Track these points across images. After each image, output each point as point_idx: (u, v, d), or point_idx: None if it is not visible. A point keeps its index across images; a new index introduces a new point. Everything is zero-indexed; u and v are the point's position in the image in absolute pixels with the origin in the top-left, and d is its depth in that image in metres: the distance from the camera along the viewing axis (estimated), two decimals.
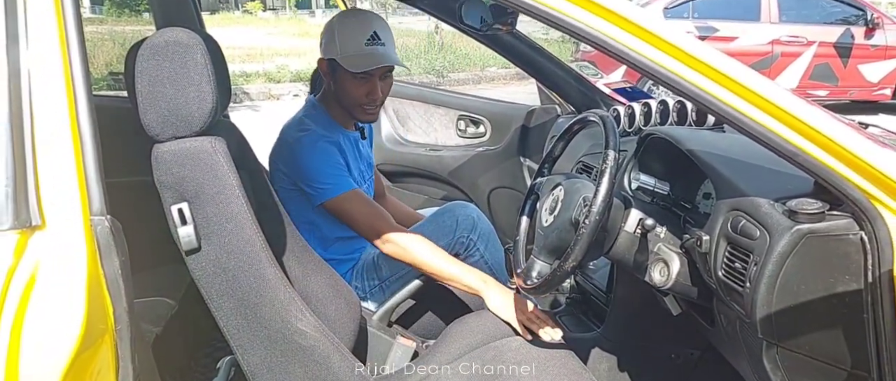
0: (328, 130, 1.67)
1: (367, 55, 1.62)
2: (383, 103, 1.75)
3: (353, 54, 1.62)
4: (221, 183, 1.06)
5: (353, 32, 1.63)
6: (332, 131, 1.69)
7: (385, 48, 1.65)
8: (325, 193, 1.57)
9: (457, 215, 1.82)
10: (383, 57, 1.63)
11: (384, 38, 1.65)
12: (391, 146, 2.89)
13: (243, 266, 1.08)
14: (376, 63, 1.62)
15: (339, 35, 1.64)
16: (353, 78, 1.62)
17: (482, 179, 2.66)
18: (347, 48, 1.62)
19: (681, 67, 1.01)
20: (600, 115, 1.29)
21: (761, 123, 1.00)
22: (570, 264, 1.20)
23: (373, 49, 1.63)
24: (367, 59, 1.61)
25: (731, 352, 1.27)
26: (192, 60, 1.02)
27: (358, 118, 1.74)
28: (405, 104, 2.90)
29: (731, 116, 1.01)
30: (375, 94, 1.67)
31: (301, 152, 1.58)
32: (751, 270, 1.06)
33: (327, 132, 1.66)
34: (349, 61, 1.61)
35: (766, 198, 1.09)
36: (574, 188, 1.30)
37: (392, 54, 1.67)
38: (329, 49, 1.65)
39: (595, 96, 2.27)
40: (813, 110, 0.99)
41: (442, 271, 1.55)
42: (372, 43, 1.63)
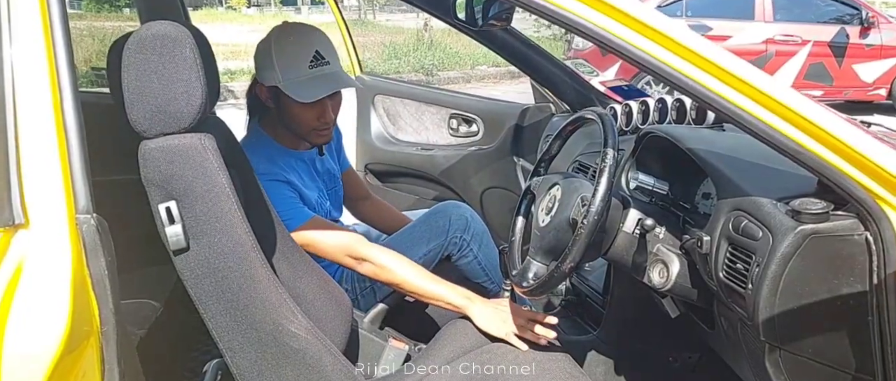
0: (274, 161, 1.57)
1: (315, 81, 1.52)
2: (335, 123, 1.67)
3: (298, 81, 1.52)
4: (211, 181, 1.02)
5: (294, 55, 1.53)
6: (280, 160, 1.59)
7: (331, 68, 1.56)
8: (285, 226, 1.46)
9: (449, 214, 1.79)
10: (332, 80, 1.55)
11: (328, 56, 1.56)
12: (381, 145, 2.86)
13: (233, 267, 1.05)
14: (326, 89, 1.53)
15: (279, 60, 1.52)
16: (300, 104, 1.53)
17: (475, 178, 2.63)
18: (290, 74, 1.52)
19: (682, 62, 0.99)
20: (598, 113, 1.27)
21: (764, 121, 0.98)
22: (568, 266, 1.17)
23: (319, 72, 1.54)
24: (316, 87, 1.52)
25: (732, 356, 1.25)
26: (181, 55, 0.99)
27: (312, 142, 1.66)
28: (396, 102, 2.87)
29: (732, 114, 0.99)
30: (327, 116, 1.59)
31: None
32: (753, 271, 1.04)
33: (273, 165, 1.56)
34: (295, 90, 1.51)
35: (769, 198, 1.07)
36: (572, 188, 1.28)
37: (340, 74, 1.58)
38: (268, 76, 1.54)
39: (590, 94, 2.26)
40: (817, 108, 0.98)
41: (421, 290, 1.49)
42: (316, 64, 1.53)
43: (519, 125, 2.50)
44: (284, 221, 1.43)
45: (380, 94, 2.86)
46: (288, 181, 1.57)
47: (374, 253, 1.52)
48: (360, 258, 1.52)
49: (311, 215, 1.56)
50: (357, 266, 1.53)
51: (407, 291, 1.52)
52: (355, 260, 1.52)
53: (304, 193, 1.62)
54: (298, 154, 1.68)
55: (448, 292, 1.49)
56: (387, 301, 1.63)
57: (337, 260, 1.55)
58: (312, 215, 1.56)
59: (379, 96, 2.87)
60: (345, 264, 1.55)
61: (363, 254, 1.52)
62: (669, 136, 1.35)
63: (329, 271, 1.65)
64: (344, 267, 1.61)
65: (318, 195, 1.71)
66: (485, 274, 1.82)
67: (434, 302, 1.52)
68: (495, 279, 1.83)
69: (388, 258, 1.52)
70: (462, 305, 1.48)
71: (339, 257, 1.54)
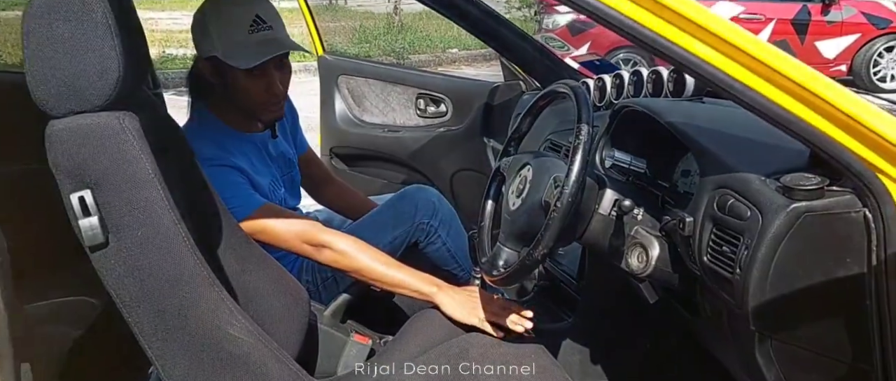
0: (220, 145, 1.45)
1: (256, 45, 1.39)
2: (286, 97, 1.53)
3: (238, 47, 1.39)
4: (132, 167, 0.89)
5: (232, 21, 1.40)
6: (227, 144, 1.46)
7: (274, 32, 1.42)
8: (233, 214, 1.33)
9: (416, 199, 1.68)
10: (276, 43, 1.41)
11: (270, 20, 1.42)
12: (346, 127, 2.73)
13: (160, 264, 0.93)
14: (269, 52, 1.39)
15: (215, 27, 1.39)
16: (246, 75, 1.41)
17: (444, 161, 2.52)
18: (229, 41, 1.39)
19: (660, 23, 0.89)
20: (571, 86, 1.16)
21: (754, 87, 0.89)
22: (541, 252, 1.07)
23: (261, 36, 1.40)
24: (258, 50, 1.38)
25: (715, 344, 1.17)
26: (90, 20, 0.85)
27: (262, 119, 1.53)
28: (360, 82, 2.74)
29: (718, 80, 0.90)
30: (275, 88, 1.46)
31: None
32: (741, 254, 0.95)
33: (219, 150, 1.43)
34: (235, 56, 1.38)
35: (757, 173, 0.98)
36: (544, 168, 1.17)
37: (284, 38, 1.45)
38: (206, 46, 1.41)
39: (562, 71, 2.15)
40: (810, 72, 0.88)
41: (386, 278, 1.39)
42: (257, 28, 1.40)
43: (488, 104, 2.39)
44: (232, 209, 1.31)
45: (343, 74, 2.73)
46: (236, 167, 1.45)
47: (333, 239, 1.41)
48: (319, 245, 1.40)
49: (261, 201, 1.44)
50: (316, 254, 1.42)
51: (370, 279, 1.41)
52: (313, 248, 1.41)
53: (255, 179, 1.50)
54: (248, 137, 1.55)
55: (414, 279, 1.39)
56: (350, 292, 1.52)
57: (293, 249, 1.43)
58: (264, 202, 1.44)
59: (343, 77, 2.74)
60: (302, 252, 1.43)
61: (322, 240, 1.40)
62: (647, 109, 1.25)
63: (286, 262, 1.54)
64: (302, 257, 1.49)
65: (272, 181, 1.59)
66: (454, 261, 1.72)
67: (400, 291, 1.41)
68: (465, 266, 1.73)
69: (349, 245, 1.41)
70: (429, 293, 1.38)
71: (295, 245, 1.42)
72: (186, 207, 1.14)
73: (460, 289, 1.39)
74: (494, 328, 1.31)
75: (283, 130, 1.68)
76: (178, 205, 1.05)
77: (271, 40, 1.41)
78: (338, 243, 1.40)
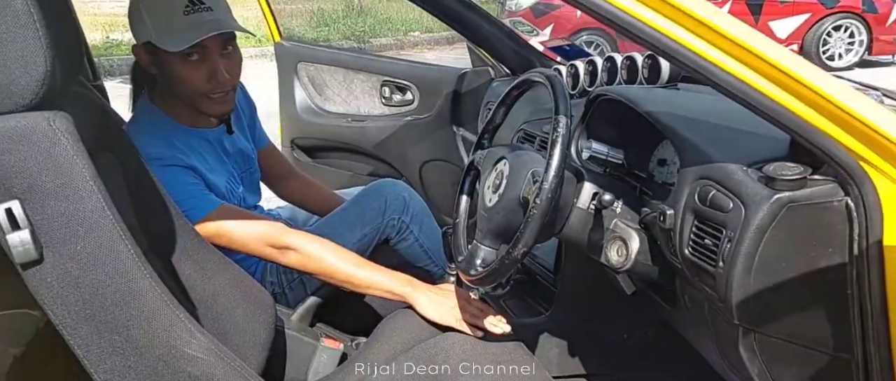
0: (170, 143, 1.35)
1: (190, 27, 1.29)
2: (235, 88, 1.43)
3: (171, 29, 1.29)
4: (66, 173, 0.81)
5: (166, 3, 1.31)
6: (178, 141, 1.37)
7: (213, 13, 1.33)
8: (187, 217, 1.26)
9: (385, 194, 1.63)
10: (212, 23, 1.31)
11: (209, 1, 1.33)
12: (307, 117, 2.65)
13: (105, 280, 0.85)
14: (203, 32, 1.29)
15: (149, 10, 1.31)
16: (183, 61, 1.32)
17: (412, 151, 2.47)
18: (162, 24, 1.30)
19: (640, 8, 0.85)
20: (546, 75, 1.12)
21: (736, 74, 0.86)
22: (520, 251, 1.04)
23: (197, 18, 1.30)
24: (191, 32, 1.28)
25: (695, 335, 1.15)
26: (9, 8, 0.77)
27: (207, 112, 1.43)
28: (321, 70, 2.65)
29: (699, 67, 0.87)
30: (219, 75, 1.35)
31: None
32: (723, 247, 0.93)
33: (168, 148, 1.34)
34: (168, 40, 1.29)
35: (739, 163, 0.96)
36: (521, 162, 1.14)
37: (224, 19, 1.35)
38: (140, 30, 1.32)
39: (530, 56, 2.11)
40: (792, 57, 0.86)
41: (356, 279, 1.33)
42: (193, 10, 1.30)
43: (457, 92, 2.34)
44: (186, 212, 1.23)
45: (303, 61, 2.64)
46: (188, 166, 1.36)
47: (298, 241, 1.34)
48: (283, 247, 1.34)
49: (218, 202, 1.36)
50: (280, 257, 1.35)
51: (339, 281, 1.35)
52: (277, 250, 1.34)
53: (210, 178, 1.41)
54: (201, 133, 1.46)
55: (387, 279, 1.34)
56: (318, 293, 1.47)
57: (255, 252, 1.36)
58: (220, 203, 1.37)
59: (302, 64, 2.65)
60: (265, 255, 1.37)
61: (286, 242, 1.34)
62: (624, 98, 1.22)
63: (247, 264, 1.47)
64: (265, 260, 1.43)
65: (229, 180, 1.51)
66: (427, 257, 1.68)
67: (372, 292, 1.36)
68: (439, 262, 1.69)
69: (316, 246, 1.35)
70: (403, 293, 1.33)
71: (257, 248, 1.35)
72: (135, 213, 1.07)
73: (435, 288, 1.35)
74: (472, 329, 1.27)
75: (239, 125, 1.60)
76: (125, 212, 0.97)
77: (210, 22, 1.32)
78: (303, 244, 1.34)
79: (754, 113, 0.89)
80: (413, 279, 1.35)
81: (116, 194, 0.92)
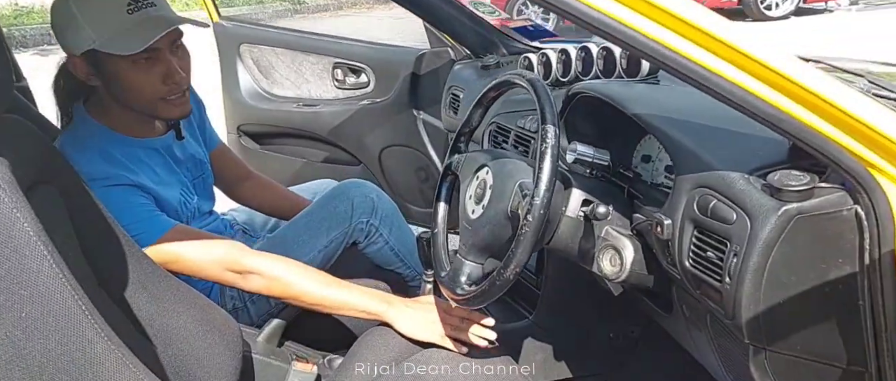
0: (113, 159, 1.23)
1: (140, 27, 1.18)
2: (190, 86, 1.32)
3: (118, 32, 1.18)
4: (5, 230, 0.69)
5: (105, 5, 1.18)
6: (123, 156, 1.25)
7: (157, 9, 1.22)
8: (138, 242, 1.14)
9: (351, 197, 1.53)
10: (163, 20, 1.20)
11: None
12: (255, 103, 2.50)
13: (56, 349, 0.74)
14: (159, 30, 1.18)
15: (85, 14, 1.18)
16: (133, 66, 1.20)
17: (370, 137, 2.35)
18: (105, 28, 1.18)
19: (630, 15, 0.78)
20: (529, 78, 1.04)
21: (739, 84, 0.80)
22: (512, 271, 0.97)
23: (143, 15, 1.19)
24: (143, 31, 1.18)
25: (692, 343, 1.11)
26: None
27: (165, 116, 1.31)
28: (266, 52, 2.50)
29: (700, 77, 0.80)
30: (175, 75, 1.24)
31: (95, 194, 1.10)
32: (729, 262, 0.88)
33: (112, 166, 1.22)
34: (117, 44, 1.17)
35: (739, 171, 0.91)
36: (505, 172, 1.06)
37: (171, 14, 1.25)
38: (78, 40, 1.19)
39: (492, 37, 2.02)
40: (793, 62, 0.80)
41: (327, 301, 1.24)
42: (136, 7, 1.19)
43: (415, 74, 2.23)
44: (136, 236, 1.12)
45: (245, 42, 2.48)
46: (135, 184, 1.24)
47: (260, 263, 1.24)
48: (244, 271, 1.24)
49: (170, 224, 1.25)
50: (241, 282, 1.25)
51: (308, 304, 1.26)
52: (238, 275, 1.24)
53: (161, 194, 1.29)
54: (148, 143, 1.33)
55: (360, 298, 1.26)
56: (284, 314, 1.36)
57: (213, 278, 1.26)
58: (173, 225, 1.25)
59: (245, 46, 2.49)
60: (224, 281, 1.27)
61: (247, 266, 1.24)
62: (608, 97, 1.15)
63: (200, 284, 1.37)
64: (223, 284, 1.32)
65: (182, 190, 1.39)
66: (399, 259, 1.60)
67: (345, 313, 1.28)
68: (411, 263, 1.61)
69: (280, 267, 1.25)
70: (379, 311, 1.25)
71: (215, 273, 1.25)
72: (81, 247, 0.96)
73: (413, 301, 1.28)
74: (455, 344, 1.21)
75: (190, 128, 1.47)
76: (71, 252, 0.87)
77: (158, 19, 1.20)
78: (266, 267, 1.24)
79: (753, 119, 0.83)
80: (389, 296, 1.27)
81: (61, 232, 0.83)
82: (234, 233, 1.62)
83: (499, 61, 1.93)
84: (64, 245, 0.85)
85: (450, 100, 1.99)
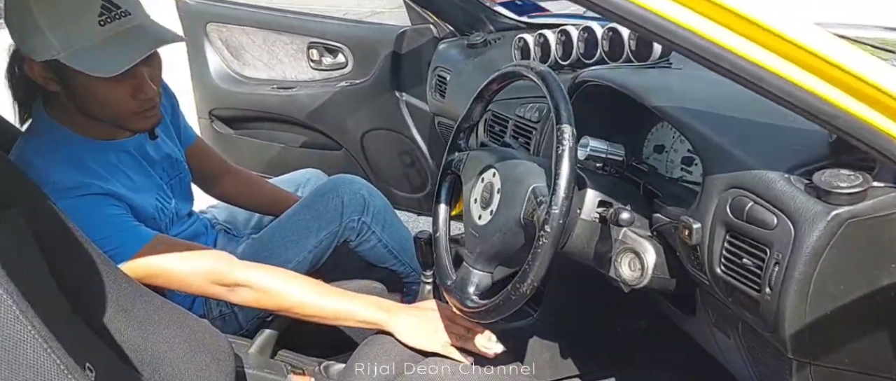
0: (83, 166, 1.11)
1: (114, 42, 1.05)
2: (162, 94, 1.19)
3: (89, 47, 1.04)
4: None
5: (72, 10, 1.03)
6: (93, 162, 1.13)
7: (133, 17, 1.07)
8: (114, 257, 1.05)
9: (341, 194, 1.42)
10: (142, 35, 1.07)
11: (125, 3, 1.07)
12: (226, 86, 2.36)
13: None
14: (138, 52, 1.05)
15: (47, 19, 1.03)
16: (102, 80, 1.07)
17: (351, 120, 2.23)
18: (71, 39, 1.03)
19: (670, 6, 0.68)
20: (538, 71, 0.94)
21: (790, 79, 0.71)
22: (529, 285, 0.89)
23: (117, 28, 1.05)
24: (119, 50, 1.04)
25: (716, 347, 1.04)
26: None
27: (133, 129, 1.19)
28: (236, 32, 2.35)
29: (746, 73, 0.71)
30: (146, 89, 1.12)
31: (63, 208, 0.96)
32: (770, 271, 0.80)
33: (83, 174, 1.10)
34: (88, 61, 1.03)
35: (778, 170, 0.82)
36: (515, 176, 0.97)
37: (149, 24, 1.10)
38: (37, 46, 1.04)
39: (477, 12, 1.90)
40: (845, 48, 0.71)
41: (323, 311, 1.15)
42: (109, 17, 1.04)
43: (396, 53, 2.10)
44: (113, 251, 1.03)
45: (213, 22, 2.33)
46: (108, 193, 1.12)
47: (250, 275, 1.15)
48: (232, 285, 1.15)
49: (149, 235, 1.14)
50: (229, 295, 1.16)
51: (303, 316, 1.17)
52: (226, 288, 1.15)
53: (136, 201, 1.18)
54: (119, 146, 1.21)
55: (358, 307, 1.17)
56: (274, 325, 1.27)
57: (199, 292, 1.17)
58: (152, 235, 1.14)
59: (212, 25, 2.34)
60: (211, 294, 1.17)
61: (236, 279, 1.14)
62: (625, 89, 1.05)
63: (176, 298, 1.27)
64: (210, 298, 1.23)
65: (159, 195, 1.27)
66: (393, 257, 1.51)
67: (344, 323, 1.19)
68: (404, 260, 1.52)
69: (270, 278, 1.16)
70: (379, 320, 1.17)
71: (201, 287, 1.15)
72: (52, 274, 0.86)
73: (414, 308, 1.19)
74: (461, 353, 1.13)
75: (163, 126, 1.34)
76: (41, 283, 0.80)
77: (134, 32, 1.07)
78: (256, 278, 1.15)
79: (798, 114, 0.74)
80: (389, 303, 1.19)
81: (25, 263, 0.77)
82: (216, 234, 1.51)
83: (486, 39, 1.82)
84: (31, 277, 0.78)
85: (436, 82, 1.88)
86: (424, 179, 2.25)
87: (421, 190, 2.27)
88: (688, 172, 1.08)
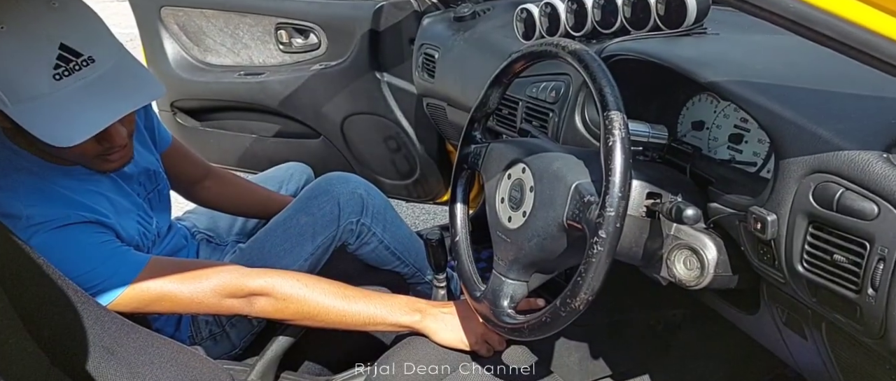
0: (54, 196, 0.96)
1: (72, 101, 0.87)
2: (133, 134, 1.05)
3: (40, 107, 0.86)
4: None
5: (21, 60, 0.85)
6: (63, 188, 0.98)
7: (97, 65, 0.90)
8: (105, 295, 0.93)
9: (337, 196, 1.28)
10: (107, 98, 0.90)
11: (84, 46, 0.89)
12: (186, 75, 2.17)
13: None
14: (95, 125, 0.89)
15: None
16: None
17: (329, 105, 2.06)
18: (21, 93, 0.86)
19: None
20: (572, 50, 0.79)
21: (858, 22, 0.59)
22: (583, 300, 0.76)
23: (73, 82, 0.87)
24: (74, 118, 0.87)
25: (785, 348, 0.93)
26: None
27: (100, 170, 1.04)
28: (193, 16, 2.15)
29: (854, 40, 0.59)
30: (116, 138, 0.97)
31: (35, 245, 0.82)
32: (873, 268, 0.68)
33: (54, 206, 0.94)
34: (39, 124, 0.87)
35: (873, 149, 0.70)
36: (552, 171, 0.83)
37: (118, 71, 0.93)
38: None
39: None
40: None
41: (351, 317, 1.03)
42: (67, 70, 0.87)
43: (374, 31, 1.92)
44: (104, 282, 0.92)
45: (167, 5, 2.12)
46: (92, 221, 0.98)
47: (267, 282, 1.02)
48: (248, 295, 1.01)
49: (144, 258, 1.00)
50: (246, 308, 1.02)
51: (328, 323, 1.04)
52: (242, 300, 1.02)
53: (118, 224, 1.03)
54: None
55: (389, 310, 1.05)
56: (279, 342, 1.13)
57: (212, 310, 1.02)
58: (148, 259, 1.00)
59: (167, 10, 2.14)
60: (225, 310, 1.03)
61: (252, 288, 1.01)
62: (669, 64, 0.90)
63: (167, 320, 1.15)
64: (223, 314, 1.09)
65: (140, 215, 1.12)
66: (396, 258, 1.37)
67: (373, 328, 1.07)
68: (409, 260, 1.39)
69: (290, 283, 1.02)
70: (412, 322, 1.06)
71: (213, 303, 1.01)
72: (23, 322, 0.77)
73: (444, 305, 1.09)
74: (488, 348, 1.06)
75: (138, 135, 1.18)
76: (12, 336, 0.73)
77: (97, 87, 0.89)
78: (274, 285, 1.01)
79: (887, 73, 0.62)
80: (420, 303, 1.08)
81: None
82: (197, 244, 1.36)
83: (474, 11, 1.66)
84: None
85: (423, 61, 1.72)
86: (412, 164, 2.10)
87: (409, 176, 2.12)
88: (737, 152, 0.95)
